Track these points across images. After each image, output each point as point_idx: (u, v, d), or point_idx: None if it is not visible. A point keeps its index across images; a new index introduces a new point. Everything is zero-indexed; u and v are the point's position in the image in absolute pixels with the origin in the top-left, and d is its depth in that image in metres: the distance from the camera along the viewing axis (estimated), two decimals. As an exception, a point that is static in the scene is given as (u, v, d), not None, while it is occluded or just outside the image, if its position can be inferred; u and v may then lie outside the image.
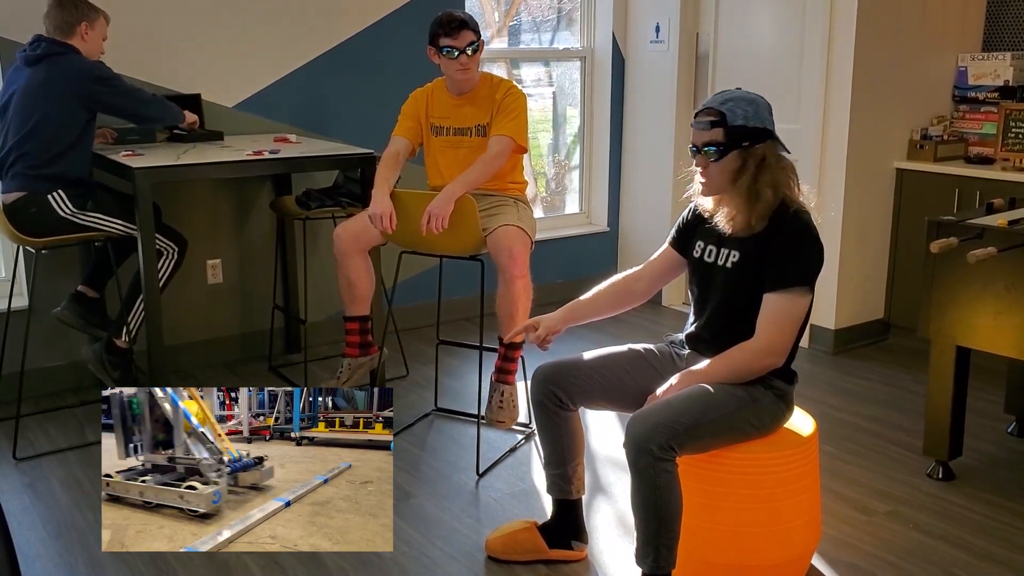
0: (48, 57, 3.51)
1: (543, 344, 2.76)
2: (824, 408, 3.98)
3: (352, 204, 4.09)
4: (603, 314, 2.83)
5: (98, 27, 3.64)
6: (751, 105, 2.50)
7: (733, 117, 2.48)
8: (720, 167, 2.50)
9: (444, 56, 3.46)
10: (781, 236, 2.49)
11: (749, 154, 2.49)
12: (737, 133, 2.48)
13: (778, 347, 2.50)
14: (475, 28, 3.48)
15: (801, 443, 2.61)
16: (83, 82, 3.51)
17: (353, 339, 3.64)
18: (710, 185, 2.54)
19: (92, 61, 3.59)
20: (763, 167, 2.49)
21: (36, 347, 3.96)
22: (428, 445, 3.68)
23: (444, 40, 3.44)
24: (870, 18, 4.41)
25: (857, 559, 2.86)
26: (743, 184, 2.48)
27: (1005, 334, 3.09)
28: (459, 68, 3.46)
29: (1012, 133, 4.50)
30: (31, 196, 3.50)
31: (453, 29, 3.43)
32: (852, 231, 4.62)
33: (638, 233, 5.64)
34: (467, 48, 3.44)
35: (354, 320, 3.63)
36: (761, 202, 2.48)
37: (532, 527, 2.84)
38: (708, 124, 2.49)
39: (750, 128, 2.48)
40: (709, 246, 2.64)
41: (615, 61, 5.51)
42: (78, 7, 3.58)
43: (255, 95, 4.44)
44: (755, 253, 2.52)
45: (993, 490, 3.29)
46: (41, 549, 2.90)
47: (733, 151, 2.48)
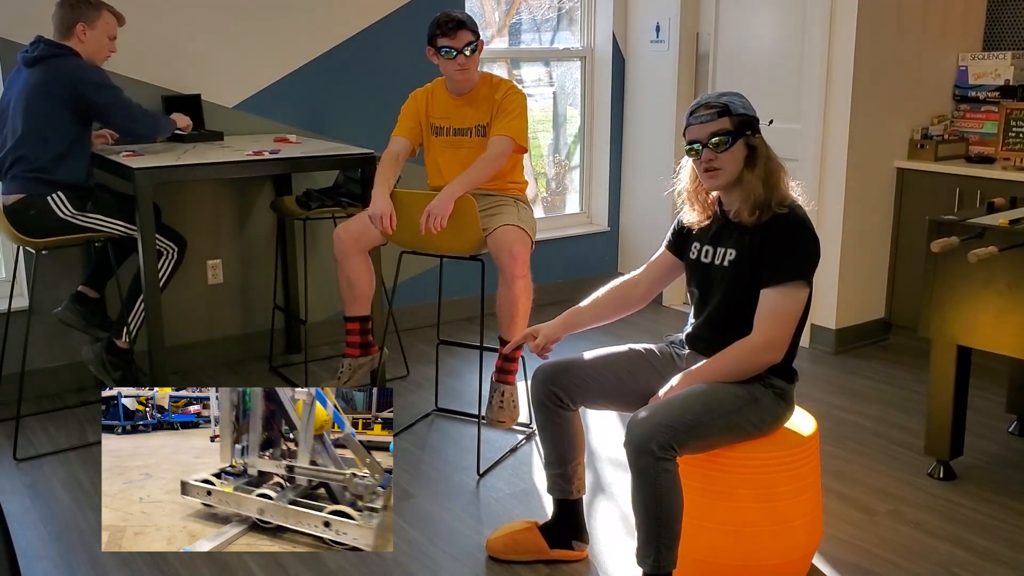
0: (46, 59, 3.48)
1: (542, 353, 2.78)
2: (825, 407, 3.98)
3: (352, 204, 4.09)
4: (602, 320, 2.84)
5: (99, 27, 3.58)
6: (742, 98, 2.55)
7: (735, 107, 2.50)
8: (732, 155, 2.50)
9: (442, 56, 3.45)
10: (777, 231, 2.49)
11: (752, 141, 2.52)
12: (741, 121, 2.50)
13: (776, 342, 2.50)
14: (473, 28, 3.48)
15: (802, 442, 2.61)
16: (73, 87, 3.47)
17: (353, 339, 3.64)
18: (723, 175, 2.52)
19: (88, 66, 3.54)
20: (768, 154, 2.53)
21: (37, 347, 3.96)
22: (429, 445, 3.67)
23: (442, 40, 3.44)
24: (870, 17, 4.40)
25: (858, 559, 2.85)
26: (759, 170, 2.50)
27: (1006, 333, 3.09)
28: (457, 68, 3.46)
29: (1013, 132, 4.50)
30: (30, 198, 3.50)
31: (451, 29, 3.43)
32: (853, 231, 4.61)
33: (638, 233, 5.64)
34: (465, 48, 3.43)
35: (354, 320, 3.63)
36: (778, 186, 2.51)
37: (533, 527, 2.84)
38: (714, 114, 2.49)
39: (750, 117, 2.52)
40: (705, 246, 2.64)
41: (615, 61, 5.51)
42: (75, 8, 3.54)
43: (255, 95, 4.44)
44: (751, 250, 2.52)
45: (994, 489, 3.29)
46: (42, 550, 2.90)
47: (740, 139, 2.50)
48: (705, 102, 2.53)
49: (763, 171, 2.50)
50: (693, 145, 2.53)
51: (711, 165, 2.52)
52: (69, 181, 3.53)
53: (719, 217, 2.63)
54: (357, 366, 3.65)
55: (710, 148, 2.50)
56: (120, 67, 3.99)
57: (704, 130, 2.50)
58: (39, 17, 3.63)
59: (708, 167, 2.52)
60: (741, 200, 2.52)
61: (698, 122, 2.52)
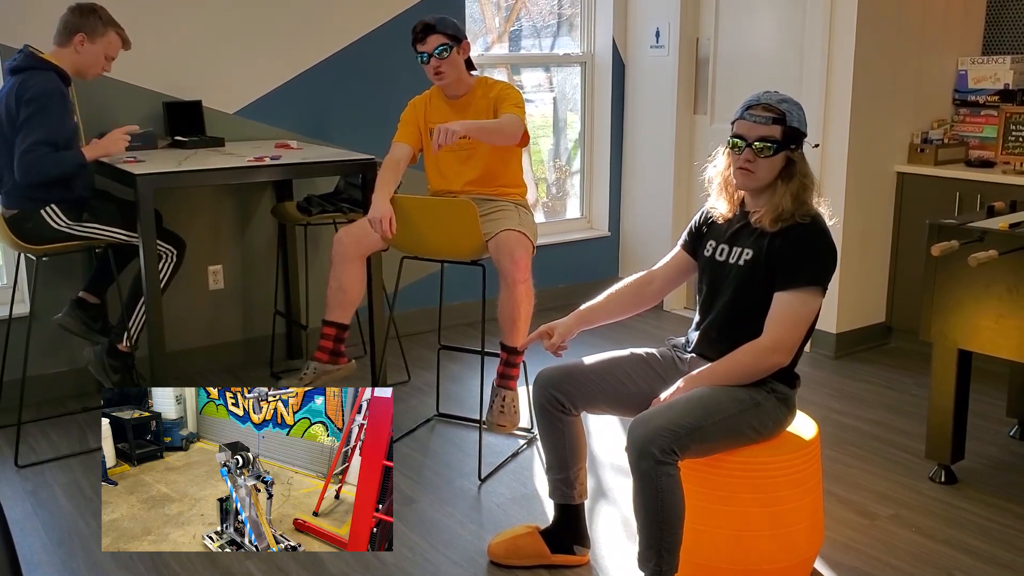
0: (23, 71, 3.42)
1: (557, 351, 2.76)
2: (826, 412, 3.98)
3: (353, 209, 4.09)
4: (615, 316, 2.83)
5: (100, 44, 3.52)
6: (801, 111, 2.55)
7: (791, 118, 2.50)
8: (770, 163, 2.50)
9: (421, 63, 3.49)
10: (797, 236, 2.50)
11: (794, 156, 2.52)
12: (792, 134, 2.51)
13: (785, 345, 2.50)
14: (446, 31, 3.48)
15: (803, 447, 2.61)
16: (19, 104, 3.35)
17: (326, 344, 3.55)
18: (755, 180, 2.53)
19: (49, 87, 3.38)
20: (805, 171, 2.54)
21: (38, 354, 3.96)
22: (430, 450, 3.67)
23: (416, 46, 3.50)
24: (870, 22, 4.41)
25: (860, 563, 2.85)
26: (792, 184, 2.50)
27: (1007, 337, 3.09)
28: (433, 72, 3.49)
29: (1012, 136, 4.50)
30: (24, 212, 3.48)
31: (420, 34, 3.48)
32: (853, 235, 4.62)
33: (639, 237, 5.64)
34: (436, 51, 3.45)
35: (332, 326, 3.55)
36: (807, 202, 2.52)
37: (534, 532, 2.84)
38: (769, 119, 2.49)
39: (801, 132, 2.53)
40: (721, 244, 2.65)
41: (615, 66, 5.52)
42: (84, 17, 3.49)
43: (256, 101, 4.44)
44: (768, 252, 2.52)
45: (995, 493, 3.29)
46: (44, 556, 2.90)
47: (783, 151, 2.50)
48: (765, 103, 2.52)
49: (796, 187, 2.51)
50: (737, 140, 2.52)
51: (748, 166, 2.51)
52: (56, 196, 3.49)
53: (739, 217, 2.64)
54: (323, 371, 3.55)
55: (752, 150, 2.50)
56: (121, 74, 4.00)
57: (754, 130, 2.50)
58: (29, 24, 3.62)
59: (743, 166, 2.52)
60: (767, 209, 2.53)
61: (751, 120, 2.51)
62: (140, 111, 4.14)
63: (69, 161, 3.46)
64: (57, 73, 3.47)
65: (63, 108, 3.44)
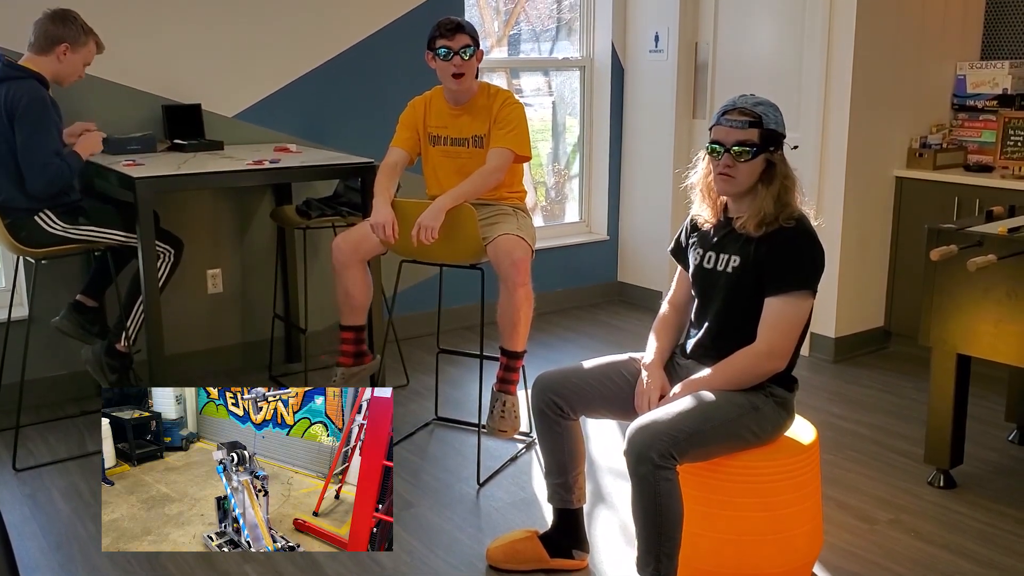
0: (4, 81, 3.38)
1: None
2: (825, 416, 3.98)
3: (352, 213, 4.09)
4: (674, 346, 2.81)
5: (82, 53, 3.50)
6: (777, 112, 2.54)
7: (767, 120, 2.50)
8: (750, 168, 2.50)
9: (440, 59, 3.45)
10: (782, 241, 2.50)
11: (773, 158, 2.51)
12: (769, 136, 2.50)
13: (780, 350, 2.50)
14: (472, 35, 3.48)
15: (802, 451, 2.61)
16: (13, 117, 3.35)
17: (348, 348, 3.62)
18: (736, 184, 2.52)
19: (38, 95, 3.37)
20: (786, 173, 2.53)
21: (36, 357, 3.95)
22: (429, 454, 3.67)
23: (440, 41, 3.44)
24: (869, 26, 4.42)
25: (859, 568, 2.85)
26: (774, 187, 2.50)
27: (1006, 341, 3.09)
28: (453, 70, 3.44)
29: (1011, 141, 4.51)
30: (19, 220, 3.47)
31: (449, 31, 3.44)
32: (852, 239, 4.62)
33: (638, 241, 5.64)
34: (461, 50, 3.43)
35: (349, 330, 3.61)
36: (790, 204, 2.51)
37: (533, 536, 2.83)
38: (746, 123, 2.48)
39: (779, 134, 2.52)
40: (708, 252, 2.64)
41: (614, 70, 5.53)
42: (66, 25, 3.45)
43: (255, 105, 4.44)
44: (756, 257, 2.52)
45: (995, 498, 3.29)
46: (42, 560, 2.89)
47: (762, 154, 2.50)
48: (740, 107, 2.51)
49: (777, 189, 2.51)
50: (715, 146, 2.52)
51: (728, 171, 2.51)
52: (49, 202, 3.48)
53: (724, 223, 2.64)
54: (351, 375, 3.64)
55: (731, 155, 2.50)
56: (120, 77, 4.00)
57: (731, 135, 2.50)
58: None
59: (723, 172, 2.52)
60: (749, 213, 2.53)
61: (728, 125, 2.50)
62: (139, 114, 4.14)
63: (77, 164, 3.51)
64: (38, 80, 3.44)
65: (55, 116, 3.45)
